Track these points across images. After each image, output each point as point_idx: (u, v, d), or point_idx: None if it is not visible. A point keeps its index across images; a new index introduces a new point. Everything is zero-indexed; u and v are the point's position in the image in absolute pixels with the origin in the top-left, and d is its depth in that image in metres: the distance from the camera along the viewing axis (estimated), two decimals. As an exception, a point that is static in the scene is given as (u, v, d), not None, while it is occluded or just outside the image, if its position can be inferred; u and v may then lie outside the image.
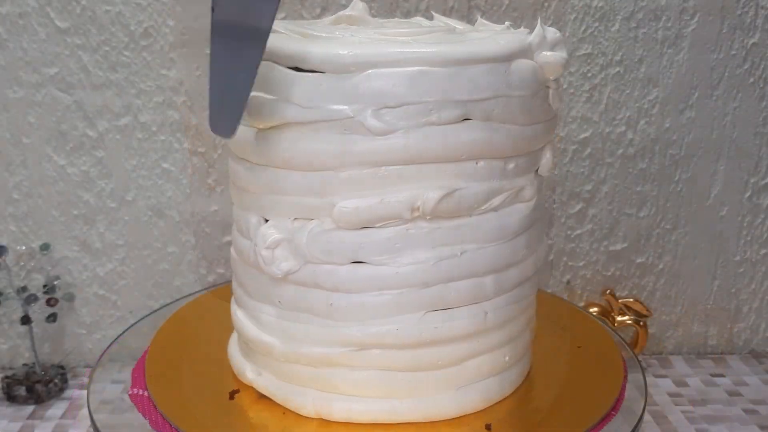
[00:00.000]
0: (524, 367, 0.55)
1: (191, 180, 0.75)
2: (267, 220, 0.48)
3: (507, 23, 0.52)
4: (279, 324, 0.50)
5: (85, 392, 0.53)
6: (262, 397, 0.52)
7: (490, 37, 0.47)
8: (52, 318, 0.74)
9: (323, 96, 0.44)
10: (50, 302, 0.74)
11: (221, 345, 0.57)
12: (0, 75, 0.71)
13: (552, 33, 0.48)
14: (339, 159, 0.45)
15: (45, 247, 0.74)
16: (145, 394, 0.53)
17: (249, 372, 0.53)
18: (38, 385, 0.73)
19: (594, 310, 0.79)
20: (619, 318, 0.79)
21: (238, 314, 0.53)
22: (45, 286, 0.74)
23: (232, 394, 0.53)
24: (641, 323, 0.79)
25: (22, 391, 0.73)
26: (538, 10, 0.72)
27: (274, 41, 0.46)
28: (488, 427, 0.49)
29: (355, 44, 0.45)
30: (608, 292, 0.80)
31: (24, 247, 0.75)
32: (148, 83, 0.72)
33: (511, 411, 0.51)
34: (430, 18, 0.56)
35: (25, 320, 0.73)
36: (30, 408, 0.72)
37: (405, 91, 0.43)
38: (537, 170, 0.51)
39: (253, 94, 0.45)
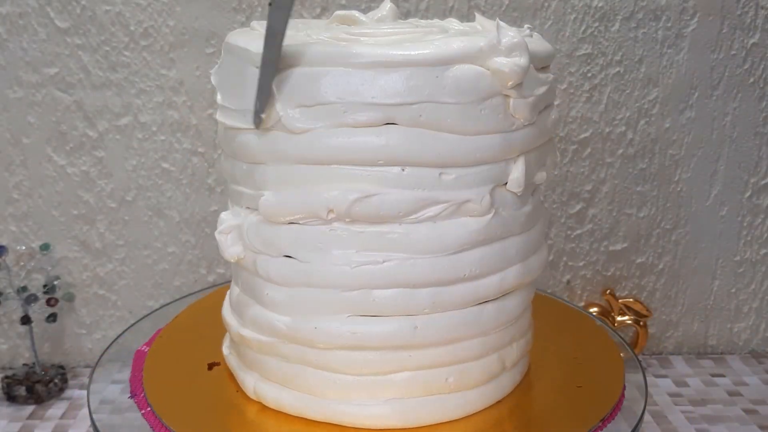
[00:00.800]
0: (490, 393, 0.51)
1: (191, 180, 0.75)
2: None
3: (526, 26, 0.50)
4: (237, 304, 0.52)
5: (85, 392, 0.53)
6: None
7: (441, 39, 0.45)
8: (52, 318, 0.74)
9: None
10: (50, 302, 0.74)
11: (221, 336, 0.58)
12: (0, 75, 0.71)
13: (509, 37, 0.44)
14: (266, 154, 0.46)
15: (45, 247, 0.74)
16: (146, 350, 0.58)
17: (225, 348, 0.56)
18: (38, 385, 0.73)
19: (594, 310, 0.79)
20: (619, 318, 0.79)
21: (227, 294, 0.56)
22: (45, 286, 0.74)
23: (210, 366, 0.56)
24: (641, 323, 0.79)
25: (22, 391, 0.73)
26: (538, 10, 0.72)
27: (244, 37, 0.48)
28: None
29: (290, 44, 0.45)
30: (608, 292, 0.80)
31: (24, 247, 0.75)
32: (148, 83, 0.72)
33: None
34: (472, 19, 0.54)
35: (25, 320, 0.73)
36: (30, 408, 0.72)
37: (319, 91, 0.43)
38: (506, 184, 0.47)
39: None
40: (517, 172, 0.47)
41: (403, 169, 0.44)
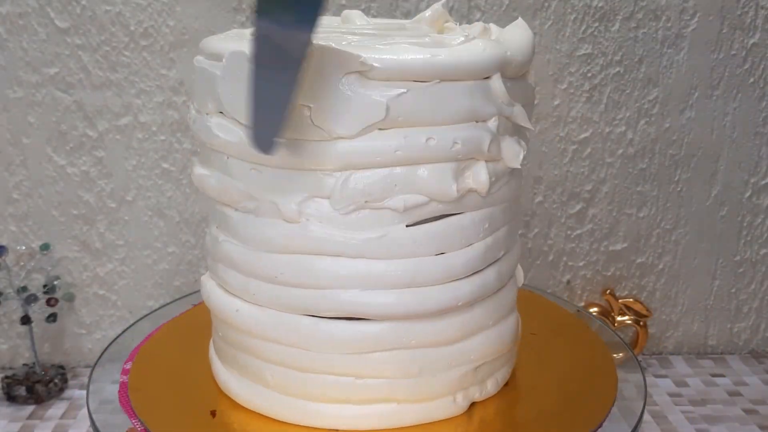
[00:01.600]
0: (319, 413, 0.47)
1: (191, 180, 0.75)
2: None
3: (477, 39, 0.47)
4: None
5: (85, 392, 0.53)
6: None
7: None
8: (52, 318, 0.74)
9: None
10: (50, 302, 0.74)
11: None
12: (0, 75, 0.71)
13: None
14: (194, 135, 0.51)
15: (45, 247, 0.74)
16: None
17: None
18: (38, 385, 0.73)
19: (594, 310, 0.79)
20: (619, 318, 0.79)
21: None
22: (45, 286, 0.74)
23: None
24: (641, 323, 0.79)
25: (22, 391, 0.73)
26: (538, 10, 0.72)
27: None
28: None
29: (216, 40, 0.48)
30: (608, 292, 0.80)
31: (24, 247, 0.75)
32: (148, 83, 0.72)
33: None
34: (471, 19, 0.54)
35: (25, 320, 0.73)
36: (30, 408, 0.72)
37: (195, 82, 0.48)
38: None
39: None
40: (334, 189, 0.43)
41: (227, 158, 0.46)
